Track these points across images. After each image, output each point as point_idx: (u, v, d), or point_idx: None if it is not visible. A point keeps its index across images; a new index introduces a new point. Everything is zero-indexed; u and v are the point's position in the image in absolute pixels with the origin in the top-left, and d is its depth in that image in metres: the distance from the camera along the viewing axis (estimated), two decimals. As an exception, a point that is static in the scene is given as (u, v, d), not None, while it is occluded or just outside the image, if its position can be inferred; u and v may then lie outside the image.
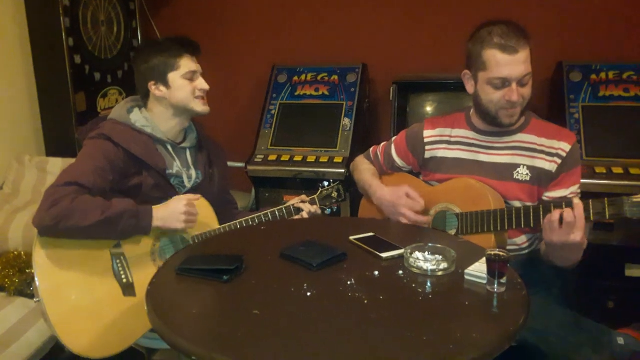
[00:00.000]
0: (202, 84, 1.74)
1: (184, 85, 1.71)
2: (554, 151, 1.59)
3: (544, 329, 1.40)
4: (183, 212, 1.59)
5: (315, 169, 2.61)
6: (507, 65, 1.51)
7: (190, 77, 1.72)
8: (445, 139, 1.74)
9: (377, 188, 1.75)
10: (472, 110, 1.71)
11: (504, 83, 1.53)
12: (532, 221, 1.49)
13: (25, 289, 1.99)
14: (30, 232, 1.54)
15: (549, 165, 1.59)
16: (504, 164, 1.64)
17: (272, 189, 2.75)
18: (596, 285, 2.26)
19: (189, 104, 1.72)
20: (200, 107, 1.74)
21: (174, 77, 1.70)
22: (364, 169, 1.88)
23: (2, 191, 2.47)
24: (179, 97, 1.71)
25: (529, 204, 1.60)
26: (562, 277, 1.66)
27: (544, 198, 1.62)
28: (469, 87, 1.65)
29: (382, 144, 1.91)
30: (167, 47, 1.71)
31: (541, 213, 1.47)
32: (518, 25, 1.55)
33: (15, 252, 2.16)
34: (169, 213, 1.59)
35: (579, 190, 1.62)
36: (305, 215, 1.78)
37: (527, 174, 1.61)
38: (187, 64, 1.71)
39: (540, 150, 1.61)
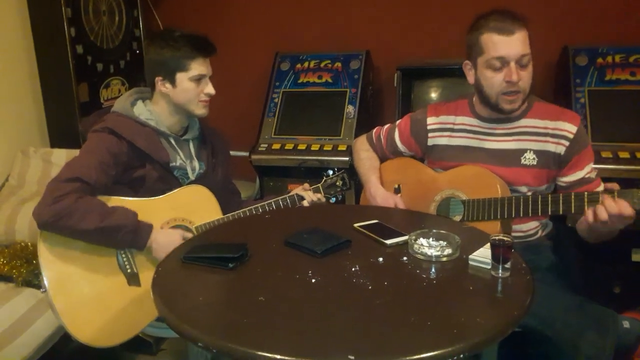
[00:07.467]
0: (208, 88, 1.71)
1: (190, 87, 1.68)
2: (559, 132, 1.58)
3: (549, 314, 1.41)
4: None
5: (320, 157, 2.60)
6: (504, 45, 1.50)
7: (199, 80, 1.69)
8: (448, 126, 1.73)
9: (372, 185, 1.77)
10: (474, 97, 1.70)
11: (503, 63, 1.52)
12: (539, 210, 1.49)
13: (33, 279, 2.00)
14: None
15: (555, 147, 1.58)
16: (511, 149, 1.63)
17: (277, 178, 2.74)
18: (602, 270, 2.25)
19: (190, 105, 1.70)
20: (200, 110, 1.72)
21: (181, 77, 1.67)
22: (364, 158, 1.88)
23: (8, 183, 2.48)
24: (182, 98, 1.69)
25: (536, 187, 1.59)
26: (568, 262, 1.66)
27: (561, 184, 1.62)
28: (470, 77, 1.64)
29: (386, 126, 1.90)
30: (181, 45, 1.65)
31: (549, 202, 1.46)
32: (514, 12, 1.53)
33: (22, 243, 2.17)
34: (167, 243, 1.54)
35: (593, 168, 1.61)
36: (306, 203, 1.78)
37: (534, 159, 1.60)
38: (198, 67, 1.67)
39: (545, 133, 1.59)
